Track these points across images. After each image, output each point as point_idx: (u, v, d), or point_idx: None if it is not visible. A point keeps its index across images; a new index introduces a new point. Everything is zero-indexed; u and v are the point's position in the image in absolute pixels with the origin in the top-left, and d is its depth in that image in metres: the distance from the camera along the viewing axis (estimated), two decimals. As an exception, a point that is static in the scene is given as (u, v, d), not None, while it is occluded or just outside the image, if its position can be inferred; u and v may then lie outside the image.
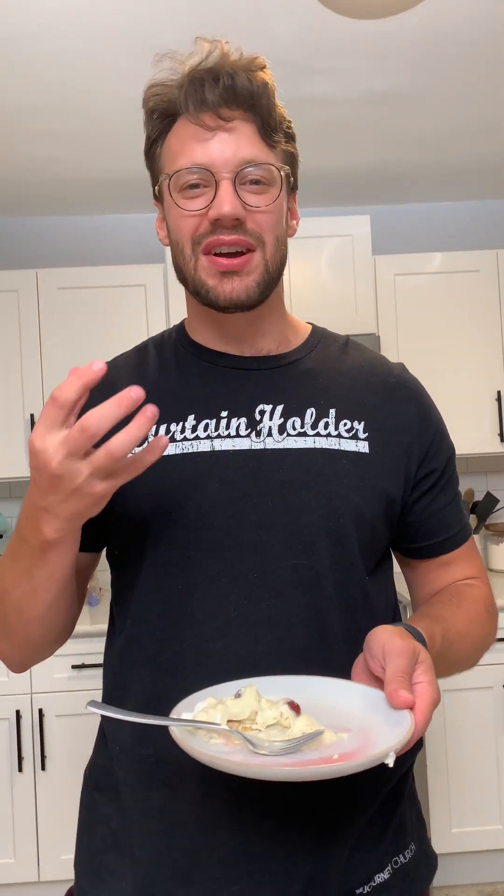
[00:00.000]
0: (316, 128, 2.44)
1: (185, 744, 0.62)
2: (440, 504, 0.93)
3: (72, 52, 1.94)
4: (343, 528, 0.85)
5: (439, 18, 1.87)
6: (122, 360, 0.99)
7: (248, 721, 0.67)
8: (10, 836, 2.44)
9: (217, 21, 1.82)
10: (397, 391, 0.94)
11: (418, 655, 0.71)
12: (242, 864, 0.80)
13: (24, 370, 2.79)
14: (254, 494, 0.84)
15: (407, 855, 0.89)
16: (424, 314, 2.86)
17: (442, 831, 2.45)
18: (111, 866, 0.87)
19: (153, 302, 2.82)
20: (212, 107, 0.83)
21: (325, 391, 0.91)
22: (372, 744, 0.64)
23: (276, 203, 0.85)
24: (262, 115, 0.84)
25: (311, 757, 0.64)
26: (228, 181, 0.82)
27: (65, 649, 2.42)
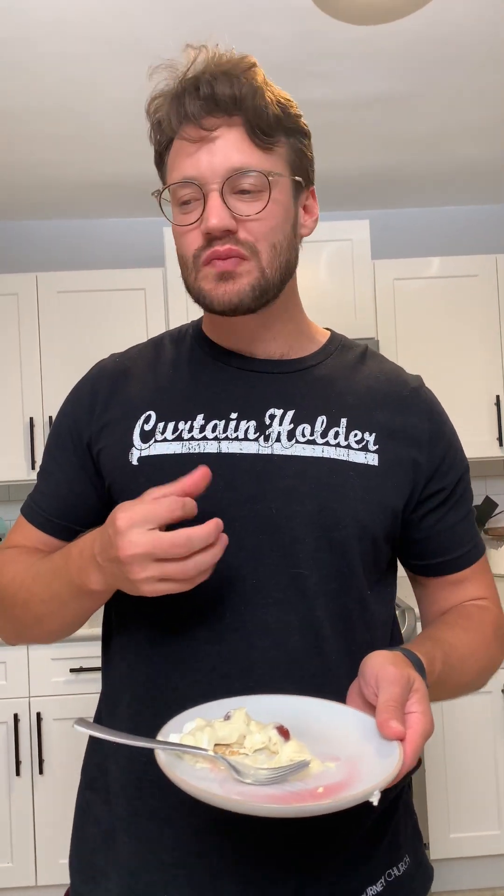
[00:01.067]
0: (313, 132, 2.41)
1: (170, 771, 0.62)
2: (450, 521, 0.92)
3: (70, 55, 1.94)
4: (345, 540, 0.84)
5: (436, 21, 1.87)
6: (135, 351, 0.98)
7: (235, 745, 0.67)
8: (8, 840, 2.44)
9: (213, 26, 1.82)
10: (411, 405, 0.92)
11: (413, 684, 0.70)
12: (230, 872, 0.80)
13: (24, 373, 2.79)
14: (257, 499, 0.84)
15: (401, 867, 0.89)
16: (423, 318, 2.85)
17: (440, 836, 2.44)
18: (101, 867, 0.87)
19: (153, 306, 2.81)
20: (193, 119, 0.81)
21: (338, 400, 0.90)
22: (359, 775, 0.62)
23: (267, 210, 0.83)
24: (249, 118, 0.81)
25: (296, 787, 0.62)
26: (216, 193, 0.81)
27: (63, 653, 2.42)
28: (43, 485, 0.96)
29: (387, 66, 2.08)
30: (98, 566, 0.76)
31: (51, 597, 0.83)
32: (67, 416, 0.95)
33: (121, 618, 0.90)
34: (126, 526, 0.71)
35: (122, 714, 0.87)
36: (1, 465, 2.77)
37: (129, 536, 0.70)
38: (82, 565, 0.78)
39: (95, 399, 0.93)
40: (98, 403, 0.92)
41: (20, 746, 2.44)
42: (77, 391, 0.96)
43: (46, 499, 0.95)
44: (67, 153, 2.53)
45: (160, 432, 0.87)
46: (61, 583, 0.82)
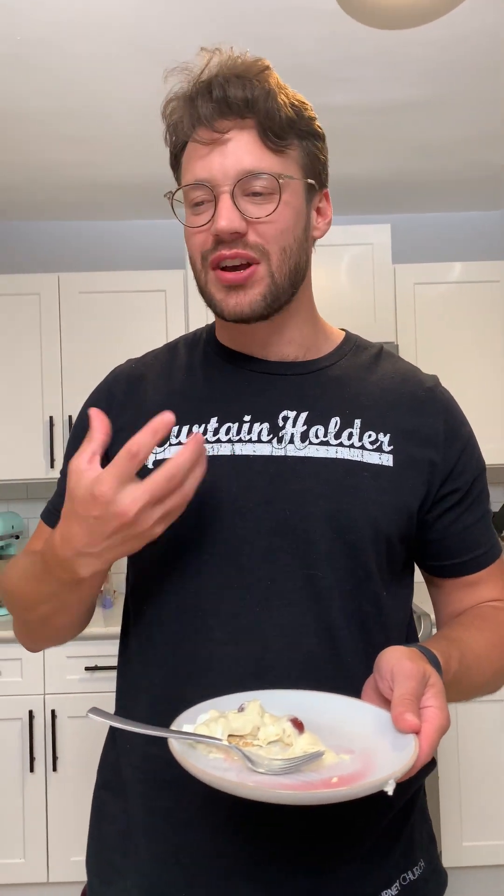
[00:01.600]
0: (336, 137, 2.43)
1: (183, 759, 0.62)
2: (465, 523, 0.91)
3: (90, 57, 1.96)
4: (359, 541, 0.84)
5: (458, 27, 1.87)
6: (151, 357, 0.99)
7: (249, 736, 0.67)
8: (21, 836, 2.45)
9: (235, 30, 1.83)
10: (427, 405, 0.92)
11: (428, 679, 0.69)
12: (244, 873, 0.80)
13: (44, 373, 2.81)
14: (271, 501, 0.84)
15: (416, 872, 0.88)
16: (444, 323, 2.84)
17: (453, 845, 2.42)
18: (118, 865, 0.88)
19: (173, 307, 2.83)
20: (205, 121, 0.81)
21: (352, 401, 0.89)
22: (374, 767, 0.62)
23: (278, 212, 0.82)
24: (261, 121, 0.81)
25: (310, 778, 0.62)
26: (227, 195, 0.81)
27: (78, 651, 2.43)
28: (62, 488, 0.98)
29: (411, 72, 2.08)
30: (86, 556, 0.75)
31: (48, 597, 0.84)
32: (85, 420, 0.96)
33: (138, 618, 0.91)
34: (113, 493, 0.70)
35: (140, 716, 0.87)
36: (21, 463, 2.79)
37: (124, 499, 0.70)
38: (63, 566, 0.77)
39: (112, 403, 0.94)
40: (114, 408, 0.93)
41: (34, 743, 2.45)
42: (94, 396, 0.98)
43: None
44: (90, 154, 2.56)
45: (174, 436, 0.88)
46: (50, 584, 0.82)
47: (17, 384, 2.81)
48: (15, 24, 1.79)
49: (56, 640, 0.96)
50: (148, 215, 3.14)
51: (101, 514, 0.71)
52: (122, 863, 0.87)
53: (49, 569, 0.80)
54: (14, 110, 2.22)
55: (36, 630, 0.93)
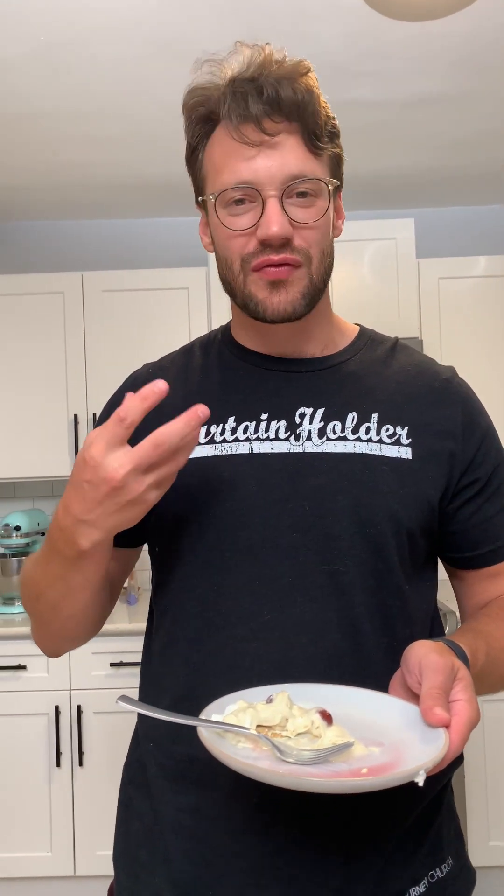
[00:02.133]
0: (361, 131, 2.42)
1: (212, 745, 0.62)
2: (487, 513, 0.91)
3: (114, 57, 1.97)
4: (380, 535, 0.84)
5: (485, 20, 1.85)
6: (168, 360, 1.00)
7: (277, 727, 0.66)
8: (48, 830, 2.48)
9: (261, 25, 1.82)
10: (444, 396, 0.91)
11: (457, 672, 0.69)
12: (271, 871, 0.80)
13: (69, 371, 2.83)
14: (290, 498, 0.84)
15: (444, 869, 0.88)
16: (469, 318, 2.82)
17: (479, 844, 2.40)
18: (144, 861, 0.88)
19: (195, 305, 2.83)
20: (255, 119, 0.81)
21: (369, 395, 0.89)
22: (403, 760, 0.62)
23: (323, 218, 0.84)
24: (308, 124, 0.82)
25: (339, 768, 0.62)
26: (275, 199, 0.81)
27: (103, 647, 2.45)
28: None
29: (436, 66, 2.06)
30: (84, 524, 0.74)
31: (54, 580, 0.83)
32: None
33: (162, 616, 0.91)
34: (101, 456, 0.70)
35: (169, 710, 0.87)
36: (46, 461, 2.82)
37: (111, 463, 0.69)
38: (65, 537, 0.76)
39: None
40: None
41: (61, 738, 2.47)
42: (113, 401, 0.98)
43: None
44: (112, 154, 2.57)
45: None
46: (55, 563, 0.81)
47: (42, 383, 2.84)
48: (39, 26, 1.80)
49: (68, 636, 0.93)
50: (170, 213, 3.14)
51: (92, 477, 0.70)
52: (149, 859, 0.88)
53: (53, 544, 0.80)
54: (39, 111, 2.24)
55: (47, 623, 0.91)
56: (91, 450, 0.70)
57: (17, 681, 2.49)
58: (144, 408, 0.70)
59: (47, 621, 0.91)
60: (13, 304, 2.84)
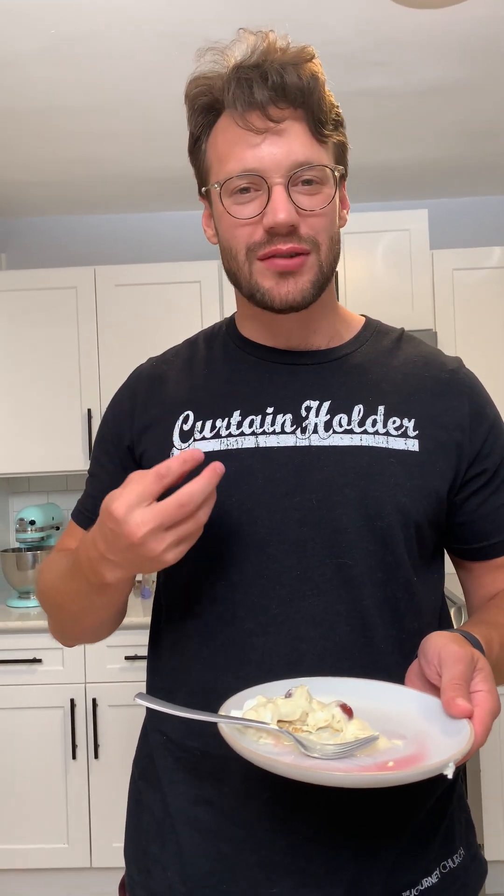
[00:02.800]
0: (373, 121, 2.40)
1: (236, 743, 0.62)
2: (494, 504, 0.90)
3: (128, 51, 1.96)
4: (388, 528, 0.83)
5: (498, 7, 1.82)
6: (172, 353, 0.99)
7: (298, 722, 0.66)
8: (64, 822, 2.49)
9: (272, 16, 1.81)
10: (450, 387, 0.91)
11: (476, 663, 0.69)
12: (284, 864, 0.80)
13: (82, 365, 2.84)
14: (297, 492, 0.84)
15: (456, 860, 0.88)
16: (483, 310, 2.79)
17: (497, 837, 2.40)
18: (156, 855, 0.88)
19: (208, 298, 2.83)
20: (260, 106, 0.80)
21: (375, 387, 0.89)
22: (428, 752, 0.62)
23: (330, 205, 0.83)
24: (313, 111, 0.81)
25: (364, 762, 0.62)
26: (281, 186, 0.80)
27: (118, 640, 2.46)
28: (90, 488, 0.99)
29: (449, 54, 2.04)
30: (109, 562, 0.75)
31: (76, 596, 0.85)
32: (109, 422, 0.98)
33: (170, 612, 0.91)
34: (125, 512, 0.70)
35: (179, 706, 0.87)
36: (59, 455, 2.83)
37: (134, 519, 0.70)
38: (91, 567, 0.78)
39: (135, 403, 0.95)
40: (137, 407, 0.94)
41: (76, 731, 2.48)
42: (117, 397, 0.99)
43: (93, 501, 0.97)
44: (125, 148, 2.56)
45: (199, 431, 0.88)
46: (80, 583, 0.83)
47: (56, 377, 2.84)
48: (48, 20, 1.80)
49: (88, 639, 0.96)
50: (182, 206, 3.14)
51: (114, 528, 0.71)
52: (160, 853, 0.88)
53: (79, 567, 0.81)
54: (50, 106, 2.23)
55: (68, 628, 0.94)
56: (115, 503, 0.71)
57: (32, 674, 2.51)
58: (184, 470, 0.71)
59: (67, 627, 0.94)
60: (26, 300, 2.85)
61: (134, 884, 0.92)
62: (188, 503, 0.70)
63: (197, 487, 0.70)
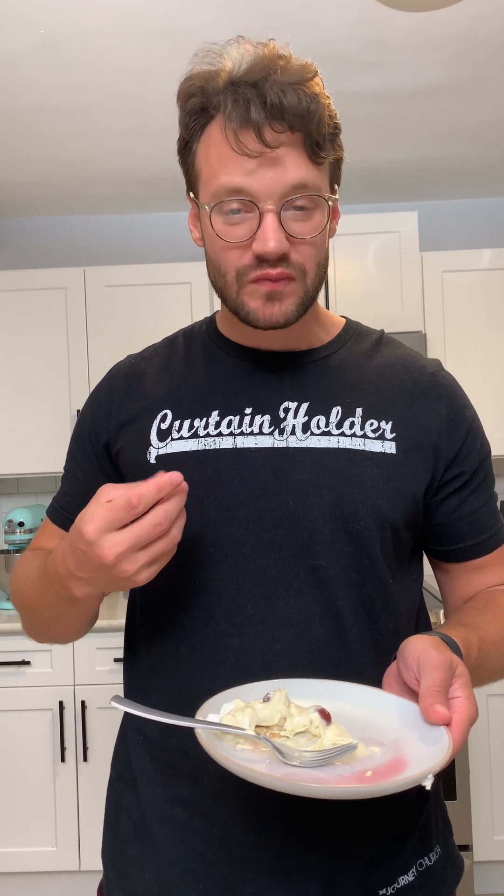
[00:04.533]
0: (364, 123, 2.40)
1: (213, 750, 0.61)
2: (471, 506, 0.91)
3: (121, 51, 1.95)
4: (364, 529, 0.84)
5: (488, 10, 1.83)
6: (150, 351, 0.99)
7: (276, 727, 0.66)
8: (52, 825, 2.48)
9: (265, 15, 1.81)
10: (429, 389, 0.91)
11: (455, 669, 0.69)
12: (259, 862, 0.80)
13: (71, 366, 2.83)
14: (274, 493, 0.84)
15: (432, 857, 0.88)
16: (472, 311, 2.80)
17: (484, 838, 2.40)
18: (134, 857, 0.88)
19: (198, 299, 2.82)
20: (256, 127, 0.77)
21: (353, 389, 0.89)
22: (406, 760, 0.61)
23: (321, 234, 0.82)
24: (311, 133, 0.78)
25: (341, 771, 0.62)
26: (273, 214, 0.78)
27: (107, 643, 2.45)
28: (65, 486, 0.99)
29: (440, 56, 2.04)
30: (78, 579, 0.75)
31: (48, 605, 0.86)
32: (86, 419, 0.97)
33: (145, 612, 0.91)
34: (96, 535, 0.70)
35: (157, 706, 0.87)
36: (49, 456, 2.81)
37: (106, 541, 0.70)
38: (61, 582, 0.78)
39: (112, 400, 0.94)
40: (114, 404, 0.94)
41: (65, 733, 2.47)
42: (95, 394, 0.98)
43: (68, 498, 0.97)
44: (116, 149, 2.56)
45: (176, 430, 0.88)
46: (50, 595, 0.83)
47: (45, 378, 2.83)
48: (41, 20, 1.79)
49: (60, 641, 0.97)
50: (173, 207, 3.13)
51: (85, 549, 0.71)
52: (138, 855, 0.88)
53: (49, 580, 0.81)
54: (41, 105, 2.23)
55: (38, 630, 0.95)
56: (87, 526, 0.70)
57: (21, 676, 2.50)
58: (158, 499, 0.70)
59: (39, 630, 0.95)
60: (16, 300, 2.83)
61: (112, 886, 0.92)
62: (163, 521, 0.70)
63: (171, 506, 0.70)
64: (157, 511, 0.70)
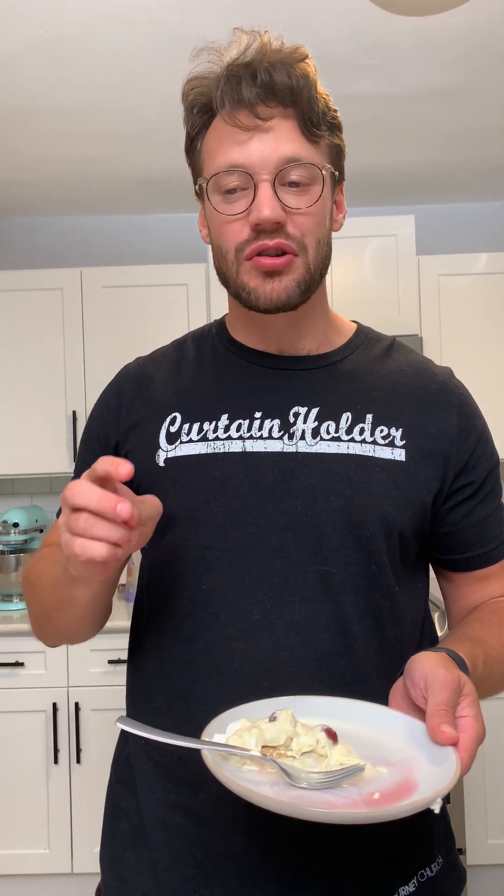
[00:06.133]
0: (361, 126, 2.40)
1: (220, 773, 0.61)
2: (478, 516, 0.91)
3: (118, 51, 1.94)
4: (372, 536, 0.83)
5: (486, 13, 1.83)
6: (160, 354, 0.99)
7: (282, 747, 0.65)
8: (45, 827, 2.47)
9: (263, 18, 1.80)
10: (439, 398, 0.91)
11: (463, 688, 0.68)
12: (260, 871, 0.80)
13: (68, 367, 2.82)
14: (283, 497, 0.84)
15: (434, 868, 0.87)
16: (469, 315, 2.80)
17: (478, 843, 2.41)
18: (132, 862, 0.88)
19: (195, 301, 2.82)
20: (248, 104, 0.80)
21: (364, 395, 0.89)
22: (413, 781, 0.61)
23: (317, 204, 0.82)
24: (303, 110, 0.81)
25: (349, 793, 0.61)
26: (268, 183, 0.80)
27: (101, 644, 2.44)
28: None
29: (438, 60, 2.04)
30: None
31: (53, 583, 0.84)
32: (95, 421, 0.97)
33: (151, 615, 0.91)
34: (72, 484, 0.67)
35: (160, 710, 0.87)
36: (44, 457, 2.80)
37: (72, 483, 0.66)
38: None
39: (121, 402, 0.94)
40: (124, 406, 0.93)
41: (58, 735, 2.47)
42: (104, 396, 0.98)
43: None
44: (113, 149, 2.54)
45: (185, 433, 0.88)
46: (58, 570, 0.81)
47: (41, 379, 2.82)
48: (37, 20, 1.78)
49: (64, 639, 0.95)
50: (170, 209, 3.12)
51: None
52: (136, 860, 0.87)
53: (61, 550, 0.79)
54: (37, 106, 2.21)
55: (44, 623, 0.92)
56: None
57: (14, 678, 2.49)
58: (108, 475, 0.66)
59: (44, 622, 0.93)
60: (12, 301, 2.82)
61: (109, 890, 0.91)
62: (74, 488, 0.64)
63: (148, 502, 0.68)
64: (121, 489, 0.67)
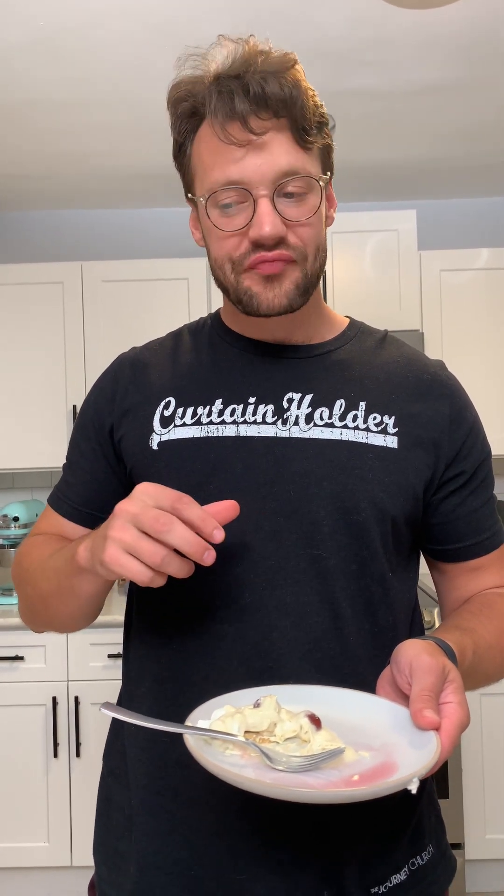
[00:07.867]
0: (363, 120, 2.40)
1: (200, 755, 0.61)
2: (470, 507, 0.91)
3: (117, 45, 1.94)
4: (364, 521, 0.84)
5: (489, 8, 1.82)
6: (156, 343, 1.00)
7: (265, 732, 0.66)
8: (45, 820, 2.48)
9: (264, 13, 1.80)
10: (432, 388, 0.92)
11: (448, 674, 0.69)
12: (251, 853, 0.80)
13: (68, 361, 2.82)
14: (275, 482, 0.84)
15: (424, 857, 0.88)
16: (470, 311, 2.80)
17: (476, 837, 2.41)
18: (122, 851, 0.88)
19: (195, 295, 2.82)
20: (241, 118, 0.79)
21: (357, 383, 0.90)
22: (394, 765, 0.61)
23: (316, 214, 0.83)
24: (296, 119, 0.81)
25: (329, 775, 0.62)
26: (266, 199, 0.80)
27: (101, 638, 2.45)
28: (68, 475, 0.99)
29: (440, 54, 2.03)
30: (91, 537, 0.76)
31: (53, 573, 0.85)
32: (90, 406, 0.98)
33: (143, 600, 0.91)
34: (141, 490, 0.71)
35: (146, 695, 0.88)
36: (44, 452, 2.81)
37: (133, 497, 0.71)
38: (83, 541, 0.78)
39: (116, 388, 0.95)
40: (119, 391, 0.94)
41: (58, 729, 2.47)
42: (99, 382, 0.99)
43: (72, 488, 0.97)
44: (114, 143, 2.55)
45: (179, 417, 0.89)
46: (62, 558, 0.83)
47: (41, 373, 2.82)
48: (37, 11, 1.78)
49: (57, 627, 0.95)
50: (171, 203, 3.12)
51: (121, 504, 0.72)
52: (126, 848, 0.88)
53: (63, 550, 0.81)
54: (39, 99, 2.21)
55: (37, 609, 0.93)
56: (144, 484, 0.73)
57: (14, 671, 2.50)
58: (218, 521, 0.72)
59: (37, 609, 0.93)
60: (12, 294, 2.82)
61: (103, 882, 0.92)
62: (165, 522, 0.68)
63: (187, 514, 0.69)
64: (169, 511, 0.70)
